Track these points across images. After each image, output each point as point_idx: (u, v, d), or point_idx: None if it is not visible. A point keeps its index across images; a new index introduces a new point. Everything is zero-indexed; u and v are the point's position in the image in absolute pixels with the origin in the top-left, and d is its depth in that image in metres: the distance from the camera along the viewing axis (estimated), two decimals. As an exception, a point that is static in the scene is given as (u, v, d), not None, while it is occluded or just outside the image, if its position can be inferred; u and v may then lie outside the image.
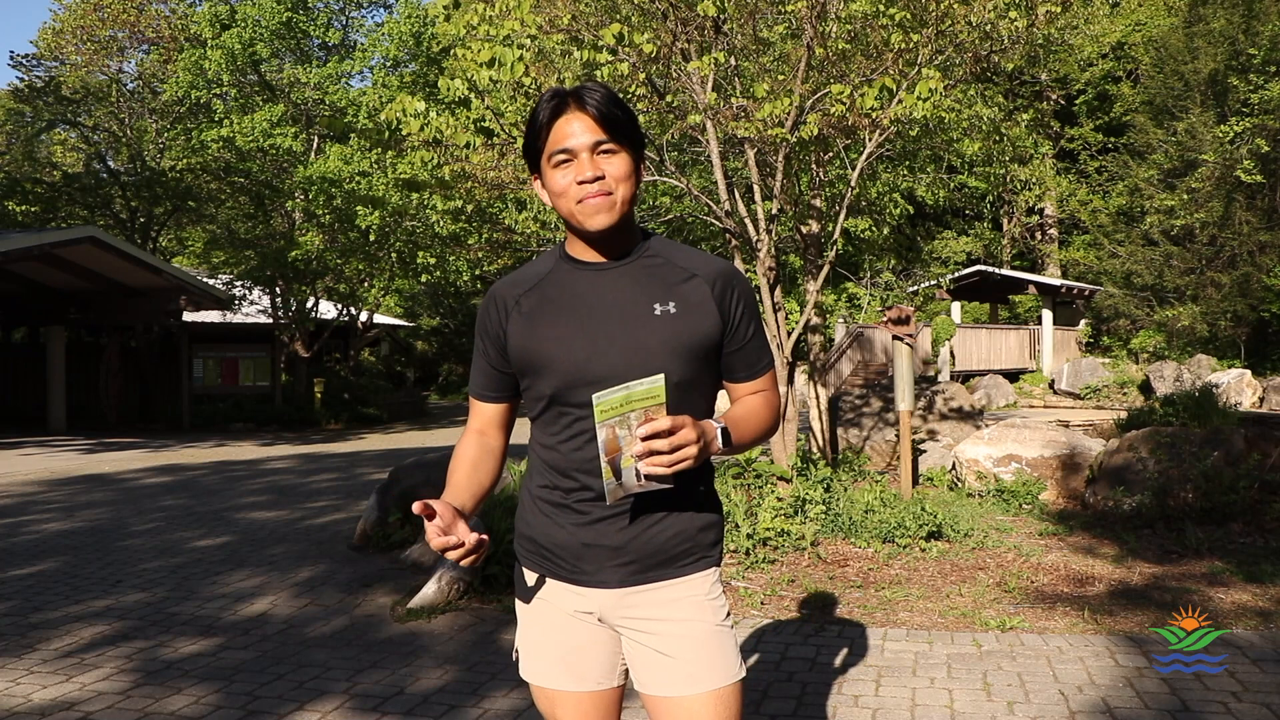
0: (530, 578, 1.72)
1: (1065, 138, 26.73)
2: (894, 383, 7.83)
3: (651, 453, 1.44)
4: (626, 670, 1.71)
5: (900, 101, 6.01)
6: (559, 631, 1.69)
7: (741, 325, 1.68)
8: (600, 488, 1.57)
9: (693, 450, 1.45)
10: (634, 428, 1.45)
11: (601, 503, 1.60)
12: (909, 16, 6.13)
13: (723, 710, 1.61)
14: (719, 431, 1.56)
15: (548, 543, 1.67)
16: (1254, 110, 18.88)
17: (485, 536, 1.52)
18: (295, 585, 5.37)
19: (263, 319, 21.19)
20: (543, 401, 1.66)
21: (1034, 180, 17.24)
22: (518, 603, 1.76)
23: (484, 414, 1.78)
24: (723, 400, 1.69)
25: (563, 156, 1.59)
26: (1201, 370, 17.85)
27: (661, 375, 1.47)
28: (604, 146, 1.58)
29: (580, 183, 1.57)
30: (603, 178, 1.58)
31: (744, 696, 1.78)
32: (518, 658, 1.76)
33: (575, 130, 1.58)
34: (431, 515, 1.48)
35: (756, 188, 6.89)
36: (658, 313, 1.60)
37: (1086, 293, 23.08)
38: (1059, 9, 6.62)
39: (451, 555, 1.48)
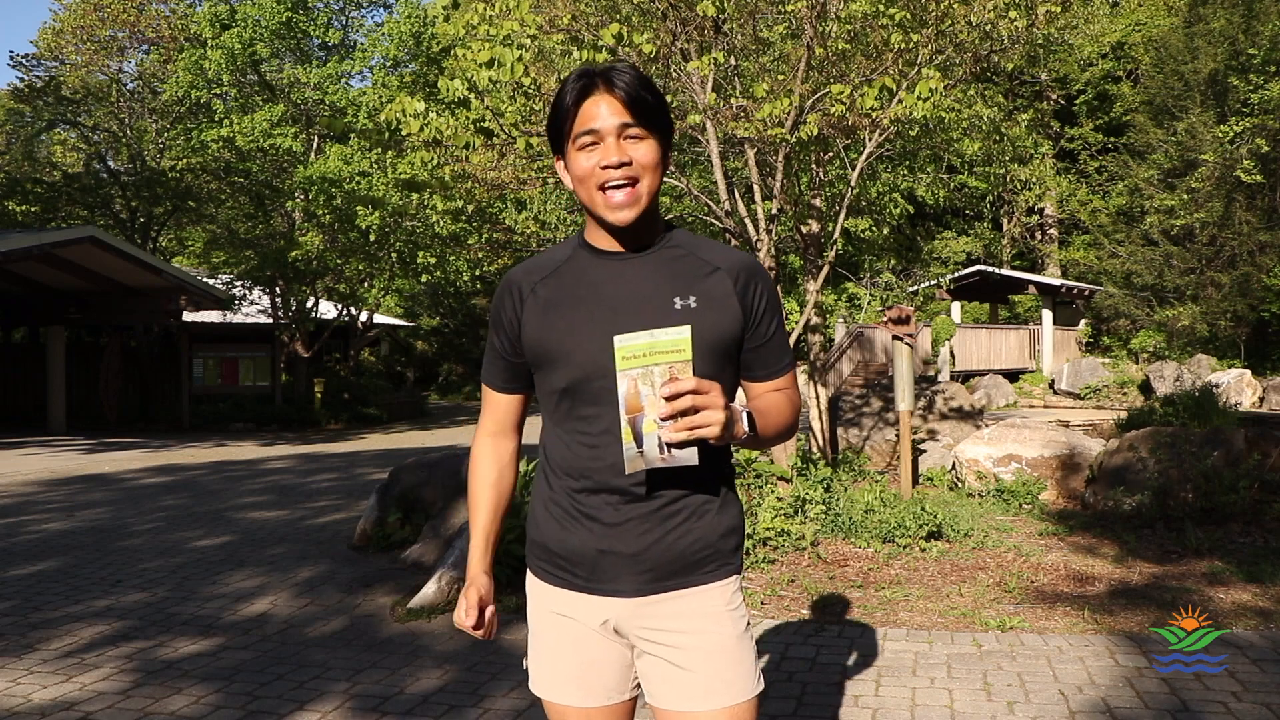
0: (542, 587, 1.66)
1: (1065, 138, 26.71)
2: (894, 383, 7.83)
3: (674, 416, 1.35)
4: (639, 683, 1.66)
5: (900, 101, 6.01)
6: (572, 645, 1.62)
7: (763, 321, 1.61)
8: (619, 484, 1.52)
9: (718, 417, 1.36)
10: (657, 385, 1.36)
11: (618, 508, 1.54)
12: (909, 16, 6.13)
13: None
14: (744, 415, 1.47)
15: (561, 550, 1.60)
16: (1254, 110, 18.87)
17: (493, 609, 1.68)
18: (295, 585, 5.37)
19: (263, 319, 21.18)
20: (555, 395, 1.59)
21: (1034, 180, 17.21)
22: (529, 613, 1.69)
23: (497, 406, 1.72)
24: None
25: (588, 139, 1.52)
26: (1201, 370, 17.84)
27: (688, 327, 1.39)
28: (631, 131, 1.52)
29: (604, 167, 1.51)
30: (629, 163, 1.51)
31: (761, 708, 1.76)
32: (528, 669, 1.70)
33: (602, 112, 1.51)
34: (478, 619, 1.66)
35: (756, 188, 6.88)
36: (678, 306, 1.53)
37: (1086, 293, 23.08)
38: (1059, 9, 6.62)
39: (469, 630, 1.66)
